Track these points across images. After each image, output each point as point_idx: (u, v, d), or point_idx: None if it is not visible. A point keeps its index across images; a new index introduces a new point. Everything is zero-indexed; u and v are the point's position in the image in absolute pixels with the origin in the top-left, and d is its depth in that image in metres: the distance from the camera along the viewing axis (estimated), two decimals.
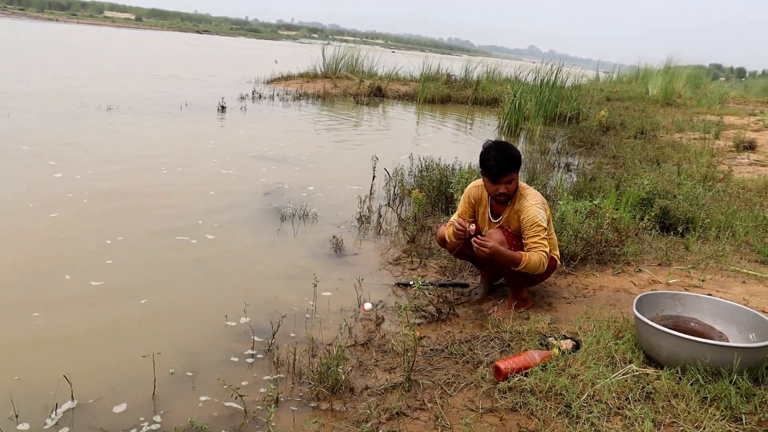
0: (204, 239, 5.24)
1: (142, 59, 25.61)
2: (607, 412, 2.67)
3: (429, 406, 2.89)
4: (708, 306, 3.43)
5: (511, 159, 3.72)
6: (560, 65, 14.59)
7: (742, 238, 5.46)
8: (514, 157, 3.74)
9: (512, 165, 3.73)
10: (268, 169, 7.93)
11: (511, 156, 3.73)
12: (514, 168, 3.75)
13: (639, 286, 4.43)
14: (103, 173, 6.90)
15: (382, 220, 6.02)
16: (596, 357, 3.12)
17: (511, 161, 3.72)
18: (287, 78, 19.59)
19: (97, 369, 3.26)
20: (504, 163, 3.70)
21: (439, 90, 18.18)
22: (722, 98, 21.09)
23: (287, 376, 3.26)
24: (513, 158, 3.73)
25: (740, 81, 41.43)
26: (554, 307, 4.09)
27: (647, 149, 10.03)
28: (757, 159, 10.34)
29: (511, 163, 3.72)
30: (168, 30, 75.67)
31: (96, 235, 5.10)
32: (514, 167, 3.75)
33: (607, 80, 26.57)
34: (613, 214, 5.19)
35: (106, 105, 11.62)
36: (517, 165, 3.77)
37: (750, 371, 2.82)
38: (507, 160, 3.71)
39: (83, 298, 4.04)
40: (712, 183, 7.49)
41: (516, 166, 3.77)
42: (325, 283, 4.40)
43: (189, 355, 3.43)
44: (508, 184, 3.78)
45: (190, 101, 13.14)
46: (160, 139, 9.35)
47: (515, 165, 3.76)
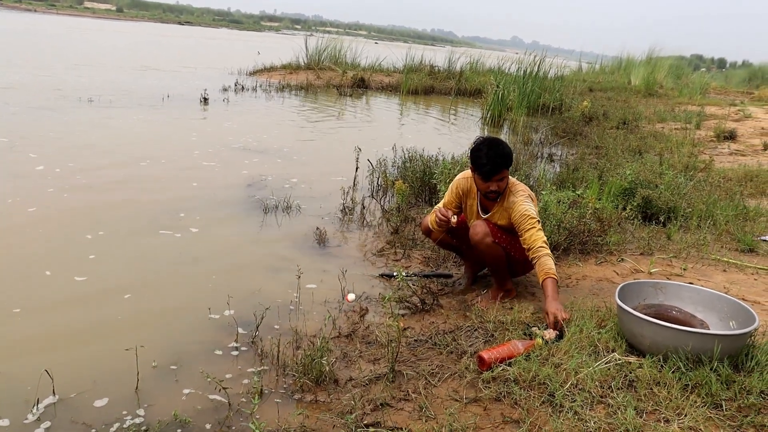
0: (187, 232, 5.21)
1: (124, 51, 25.35)
2: (590, 401, 2.69)
3: (413, 396, 2.89)
4: (689, 294, 3.45)
5: (503, 156, 3.71)
6: (543, 56, 14.64)
7: (722, 227, 5.51)
8: (506, 155, 3.73)
9: (505, 162, 3.73)
10: (251, 161, 7.89)
11: (504, 153, 3.72)
12: (506, 165, 3.74)
13: (621, 275, 4.46)
14: (84, 166, 6.83)
15: (365, 211, 6.01)
16: (579, 346, 3.13)
17: (504, 159, 3.71)
18: (270, 69, 19.48)
19: (79, 363, 3.24)
20: (498, 160, 3.70)
21: (423, 81, 18.15)
22: (703, 89, 21.25)
23: (271, 368, 3.25)
24: (505, 155, 3.72)
25: (721, 72, 41.77)
26: (538, 297, 4.11)
27: (629, 139, 10.09)
28: (738, 149, 10.44)
29: (504, 160, 3.72)
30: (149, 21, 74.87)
31: (77, 229, 5.06)
32: (506, 165, 3.74)
33: (589, 71, 26.65)
34: (595, 204, 5.22)
35: (87, 97, 11.50)
36: (509, 162, 3.75)
37: (730, 358, 2.85)
38: (500, 157, 3.70)
39: (65, 293, 4.00)
40: (694, 173, 7.55)
41: (508, 164, 3.75)
42: (308, 275, 4.40)
43: (172, 349, 3.41)
44: (500, 181, 3.78)
45: (172, 93, 13.02)
46: (142, 131, 9.27)
47: (507, 162, 3.74)
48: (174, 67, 19.92)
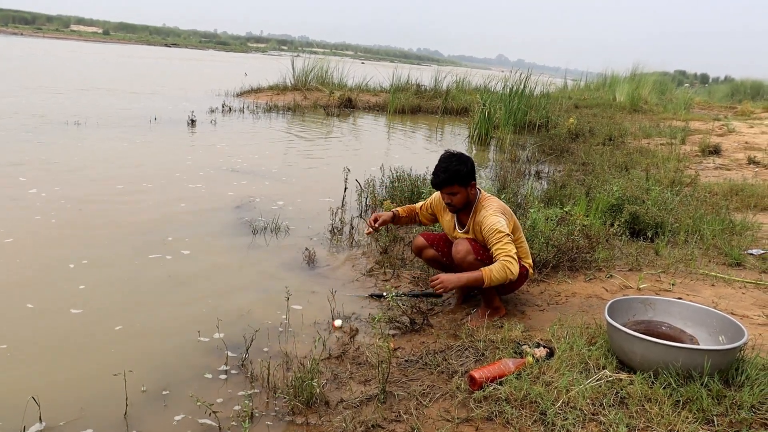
0: (175, 255, 5.18)
1: (110, 74, 25.36)
2: (582, 419, 2.68)
3: (405, 417, 2.87)
4: (678, 310, 3.46)
5: (450, 172, 3.79)
6: (529, 74, 14.75)
7: (709, 241, 5.55)
8: (454, 171, 3.79)
9: (451, 178, 3.80)
10: (239, 182, 7.88)
11: (452, 170, 3.79)
12: (453, 181, 3.82)
13: (611, 291, 4.47)
14: (70, 191, 6.80)
15: (354, 231, 6.01)
16: (570, 364, 3.13)
17: (449, 174, 3.79)
18: (257, 90, 19.53)
19: (66, 389, 3.19)
20: (442, 175, 3.82)
21: (409, 100, 18.25)
22: (687, 104, 21.45)
23: (262, 391, 3.22)
24: (453, 172, 3.79)
25: (704, 87, 42.19)
26: (527, 314, 4.11)
27: (616, 155, 10.15)
28: (723, 163, 10.53)
29: (449, 176, 3.80)
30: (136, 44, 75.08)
31: (63, 254, 5.03)
32: (453, 181, 3.81)
33: (575, 88, 26.88)
34: (583, 221, 5.24)
35: (74, 120, 11.48)
36: (457, 178, 3.81)
37: (720, 373, 2.85)
38: (446, 172, 3.80)
39: (53, 319, 3.96)
40: (680, 188, 7.60)
41: (456, 180, 3.81)
42: (298, 296, 4.38)
43: (161, 373, 3.38)
44: (452, 195, 3.87)
45: (159, 115, 13.02)
46: (130, 154, 9.24)
47: (455, 179, 3.81)
48: (161, 89, 19.94)
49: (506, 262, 3.67)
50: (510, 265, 3.67)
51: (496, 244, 3.73)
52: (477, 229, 3.90)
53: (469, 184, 3.87)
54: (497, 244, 3.73)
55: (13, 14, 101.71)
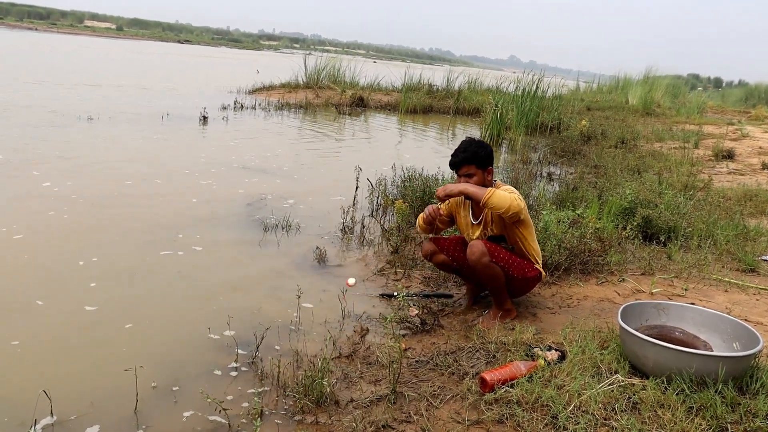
0: (186, 251, 5.19)
1: (123, 70, 25.46)
2: (593, 423, 2.66)
3: (415, 418, 2.86)
4: (692, 315, 3.43)
5: (470, 152, 3.85)
6: (541, 75, 14.71)
7: (723, 246, 5.51)
8: (473, 152, 3.84)
9: (469, 158, 3.84)
10: (251, 180, 7.89)
11: (471, 150, 3.85)
12: (471, 161, 3.85)
13: (623, 295, 4.44)
14: (82, 186, 6.82)
15: (365, 230, 6.00)
16: (582, 367, 3.11)
17: (468, 154, 3.85)
18: (269, 88, 19.56)
19: (77, 384, 3.20)
20: (461, 154, 3.87)
21: (421, 100, 18.24)
22: (700, 108, 21.34)
23: (271, 389, 3.22)
24: (472, 152, 3.85)
25: (717, 91, 41.97)
26: (539, 317, 4.08)
27: (628, 159, 10.11)
28: (736, 168, 10.46)
29: (468, 155, 3.84)
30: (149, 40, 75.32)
31: (75, 250, 5.04)
32: (471, 160, 3.85)
33: (587, 90, 26.79)
34: (596, 224, 5.21)
35: (87, 115, 11.54)
36: (475, 159, 3.84)
37: (735, 380, 2.82)
38: (465, 152, 3.86)
39: (64, 315, 3.97)
40: (693, 192, 7.56)
41: (474, 160, 3.84)
42: (308, 295, 4.38)
43: (172, 369, 3.38)
44: (468, 177, 3.88)
45: (171, 112, 13.06)
46: (141, 150, 9.27)
47: (473, 159, 3.84)
48: (173, 85, 20.01)
49: (513, 197, 3.65)
50: (515, 200, 3.64)
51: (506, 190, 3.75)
52: (491, 215, 3.89)
53: (486, 168, 3.89)
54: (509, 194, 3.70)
55: (27, 9, 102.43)
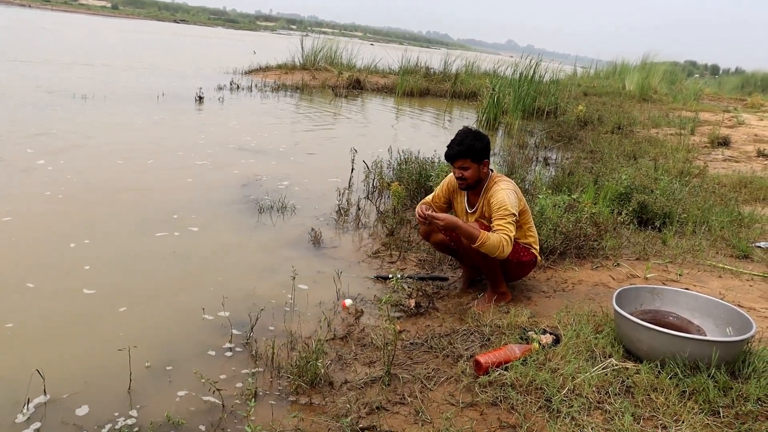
0: (181, 232, 5.17)
1: (118, 49, 25.28)
2: (587, 406, 2.67)
3: (409, 400, 2.87)
4: (686, 300, 3.44)
5: (466, 146, 3.80)
6: (538, 60, 14.64)
7: (717, 233, 5.52)
8: (470, 145, 3.80)
9: (465, 151, 3.81)
10: (246, 160, 7.86)
11: (467, 143, 3.81)
12: (467, 155, 3.81)
13: (617, 280, 4.45)
14: (76, 166, 6.79)
15: (360, 213, 5.99)
16: (576, 351, 3.12)
17: (465, 147, 3.80)
18: (265, 69, 19.46)
19: (70, 363, 3.19)
20: (456, 147, 3.83)
21: (418, 83, 18.16)
22: (697, 95, 21.31)
23: (266, 370, 3.22)
24: (468, 146, 3.80)
25: (714, 78, 41.93)
26: (534, 301, 4.09)
27: (624, 144, 10.10)
28: (732, 155, 10.47)
29: (464, 149, 3.80)
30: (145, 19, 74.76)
31: (69, 232, 5.02)
32: (467, 154, 3.81)
33: (584, 75, 26.69)
34: (591, 209, 5.21)
35: (81, 94, 11.46)
36: (471, 153, 3.81)
37: (727, 365, 2.84)
38: (461, 145, 3.82)
39: (59, 297, 3.96)
40: (688, 178, 7.56)
41: (469, 154, 3.81)
42: (303, 276, 4.37)
43: (166, 349, 3.38)
44: (463, 169, 3.86)
45: (167, 91, 12.98)
46: (136, 130, 9.22)
47: (469, 153, 3.81)
48: (169, 65, 19.88)
49: (504, 239, 3.65)
50: (505, 244, 3.66)
51: (500, 220, 3.72)
52: (486, 206, 3.89)
53: (482, 161, 3.86)
54: (500, 220, 3.71)
55: None
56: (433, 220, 3.75)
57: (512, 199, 3.77)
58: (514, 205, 3.77)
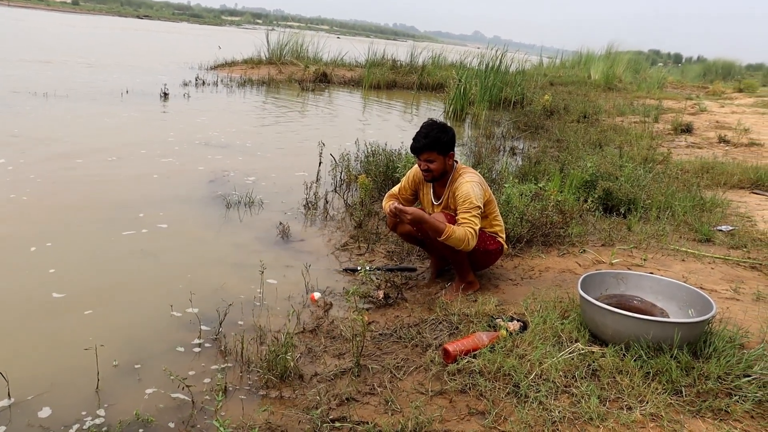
0: (148, 229, 5.12)
1: (80, 45, 24.85)
2: (554, 391, 2.71)
3: (379, 390, 2.88)
4: (650, 284, 3.50)
5: (431, 138, 3.81)
6: (504, 50, 14.73)
7: (681, 217, 5.61)
8: (435, 138, 3.81)
9: (430, 144, 3.81)
10: (213, 156, 7.80)
11: (433, 136, 3.81)
12: (432, 148, 3.82)
13: (583, 266, 4.51)
14: (37, 163, 6.67)
15: (328, 206, 5.98)
16: (543, 337, 3.16)
17: (430, 140, 3.81)
18: (231, 64, 19.30)
19: (35, 365, 3.15)
20: (422, 140, 3.83)
21: (385, 75, 18.16)
22: (661, 83, 21.61)
23: (235, 365, 3.21)
24: (434, 138, 3.81)
25: (677, 67, 42.55)
26: (501, 289, 4.13)
27: (590, 133, 10.21)
28: (694, 141, 10.65)
29: (429, 141, 3.81)
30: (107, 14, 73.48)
31: (32, 229, 4.94)
32: (432, 147, 3.82)
33: (550, 65, 26.92)
34: (557, 197, 5.27)
35: (42, 92, 11.25)
36: (437, 145, 3.82)
37: (689, 345, 2.90)
38: (426, 138, 3.82)
39: (22, 297, 3.90)
40: (653, 165, 7.67)
41: (435, 147, 3.82)
42: (272, 270, 4.36)
43: (134, 347, 3.35)
44: (429, 162, 3.87)
45: (131, 88, 12.81)
46: (100, 127, 9.09)
47: (435, 145, 3.81)
48: (133, 62, 19.59)
49: (469, 233, 3.70)
50: (470, 237, 3.70)
51: (465, 213, 3.75)
52: (451, 198, 3.91)
53: (447, 154, 3.87)
54: (465, 213, 3.75)
55: None
56: (400, 214, 3.76)
57: (477, 192, 3.80)
58: (479, 197, 3.80)
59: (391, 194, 4.30)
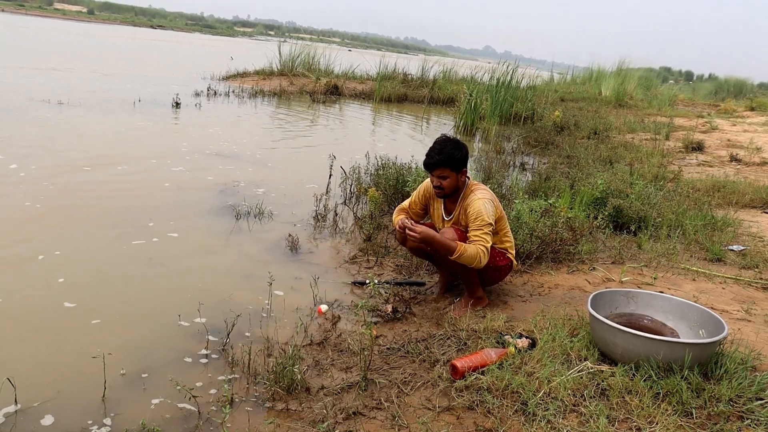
0: (157, 239, 5.13)
1: (95, 54, 25.06)
2: (562, 410, 2.69)
3: (386, 405, 2.87)
4: (660, 303, 3.48)
5: (445, 155, 3.80)
6: (515, 66, 14.74)
7: (691, 236, 5.58)
8: (449, 154, 3.80)
9: (444, 161, 3.80)
10: (224, 166, 7.82)
11: (447, 152, 3.80)
12: (446, 164, 3.81)
13: (593, 284, 4.49)
14: (50, 171, 6.70)
15: (338, 218, 5.98)
16: (552, 355, 3.14)
17: (444, 157, 3.80)
18: (243, 75, 19.40)
19: (43, 372, 3.15)
20: (436, 156, 3.81)
21: (396, 89, 18.20)
22: (672, 100, 21.59)
23: (242, 376, 3.20)
24: (447, 155, 3.80)
25: (688, 84, 42.51)
26: (510, 305, 4.11)
27: (600, 149, 10.19)
28: (705, 160, 10.61)
29: (443, 158, 3.80)
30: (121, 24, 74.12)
31: (46, 238, 4.96)
32: (446, 164, 3.81)
33: (561, 81, 26.93)
34: (567, 213, 5.25)
35: (56, 100, 11.33)
36: (450, 162, 3.81)
37: (700, 366, 2.87)
38: (440, 154, 3.80)
39: (32, 305, 3.91)
40: (663, 183, 7.64)
41: (449, 163, 3.81)
42: (280, 282, 4.35)
43: (141, 356, 3.35)
44: (442, 179, 3.86)
45: (143, 97, 12.89)
46: (112, 136, 9.14)
47: (448, 162, 3.80)
48: (146, 71, 19.73)
49: (480, 250, 3.69)
50: (482, 255, 3.69)
51: (476, 231, 3.74)
52: (463, 215, 3.90)
53: (460, 171, 3.87)
54: (477, 231, 3.74)
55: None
56: (410, 233, 3.74)
57: (489, 209, 3.80)
58: (491, 214, 3.79)
59: (401, 208, 4.29)
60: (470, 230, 3.78)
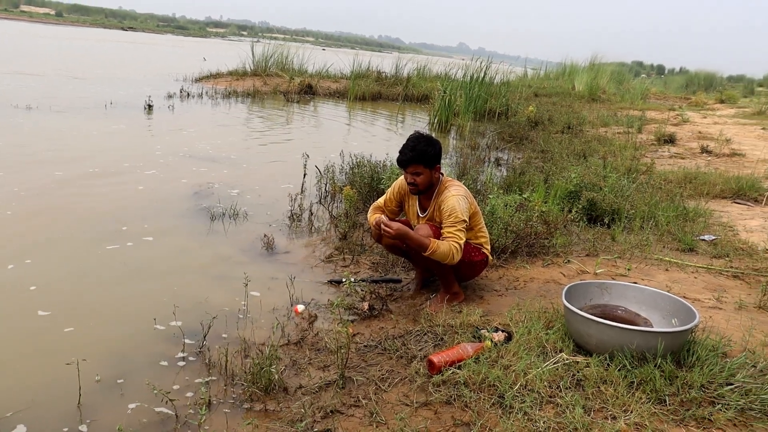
0: (131, 242, 5.08)
1: (64, 57, 24.73)
2: (539, 401, 2.71)
3: (363, 402, 2.87)
4: (633, 294, 3.52)
5: (418, 152, 3.80)
6: (489, 62, 14.80)
7: (664, 227, 5.65)
8: (422, 151, 3.80)
9: (417, 157, 3.80)
10: (198, 168, 7.77)
11: (420, 149, 3.80)
12: (419, 161, 3.82)
13: (568, 276, 4.53)
14: (21, 176, 6.62)
15: (313, 217, 5.97)
16: (528, 347, 3.16)
17: (417, 153, 3.80)
18: (216, 76, 19.27)
19: (15, 380, 3.11)
20: (409, 153, 3.82)
21: (370, 87, 18.20)
22: (644, 94, 21.83)
23: (219, 378, 3.19)
24: (420, 151, 3.80)
25: (660, 78, 43.00)
26: (486, 299, 4.13)
27: (574, 143, 10.28)
28: (677, 152, 10.74)
29: (416, 155, 3.80)
30: (91, 26, 73.24)
31: (19, 245, 4.90)
32: (419, 160, 3.81)
33: (534, 77, 27.09)
34: (542, 207, 5.29)
35: (25, 104, 11.17)
36: (423, 159, 3.81)
37: (673, 355, 2.91)
38: (413, 151, 3.81)
39: (4, 311, 3.86)
40: (636, 175, 7.73)
41: (422, 160, 3.81)
42: (256, 283, 4.34)
43: (117, 362, 3.32)
44: (415, 175, 3.87)
45: (115, 100, 12.76)
46: (83, 139, 9.04)
47: (421, 158, 3.81)
48: (117, 73, 19.53)
49: (454, 247, 3.71)
50: (455, 251, 3.72)
51: (450, 227, 3.76)
52: (437, 211, 3.91)
53: (433, 167, 3.88)
54: (451, 228, 3.75)
55: None
56: (384, 231, 3.75)
57: (463, 206, 3.81)
58: (465, 211, 3.81)
59: (376, 206, 4.29)
60: (444, 227, 3.79)
